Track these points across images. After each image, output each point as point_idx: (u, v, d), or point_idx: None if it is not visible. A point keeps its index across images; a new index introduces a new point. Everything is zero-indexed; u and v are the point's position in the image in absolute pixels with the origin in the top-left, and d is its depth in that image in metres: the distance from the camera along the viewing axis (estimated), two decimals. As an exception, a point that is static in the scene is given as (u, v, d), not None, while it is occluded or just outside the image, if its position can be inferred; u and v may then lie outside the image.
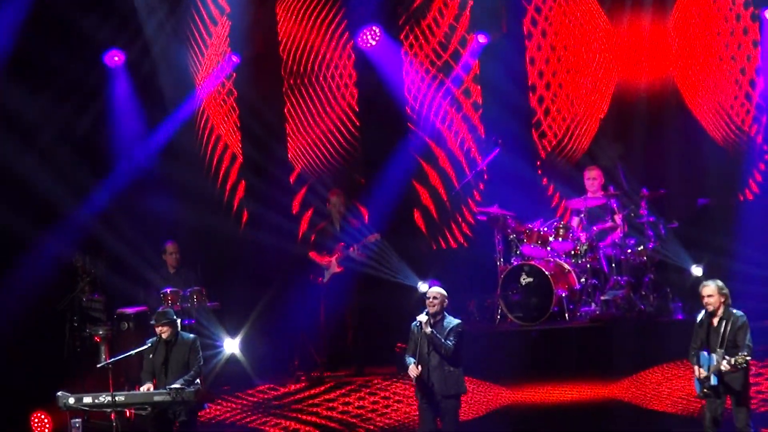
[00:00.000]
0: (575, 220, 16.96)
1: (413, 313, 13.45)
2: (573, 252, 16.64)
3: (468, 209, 18.58)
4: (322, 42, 18.68)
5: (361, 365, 16.66)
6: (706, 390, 12.72)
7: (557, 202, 18.24)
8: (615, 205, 16.61)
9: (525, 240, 16.66)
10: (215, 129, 18.86)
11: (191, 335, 13.96)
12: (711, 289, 12.77)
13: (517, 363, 15.39)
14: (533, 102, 18.45)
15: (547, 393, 15.24)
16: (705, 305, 12.80)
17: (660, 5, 17.87)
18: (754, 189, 17.66)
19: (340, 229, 17.13)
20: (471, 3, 18.41)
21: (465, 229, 18.66)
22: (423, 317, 13.16)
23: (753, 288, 15.22)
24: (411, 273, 17.26)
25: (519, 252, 16.76)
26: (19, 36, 17.23)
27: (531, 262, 16.43)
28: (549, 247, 16.62)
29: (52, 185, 17.27)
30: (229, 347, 16.58)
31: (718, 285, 12.82)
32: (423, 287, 16.58)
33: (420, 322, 13.16)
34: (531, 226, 16.72)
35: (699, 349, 12.80)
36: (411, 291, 17.05)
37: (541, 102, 18.45)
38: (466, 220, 18.63)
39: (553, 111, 18.43)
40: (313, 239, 17.34)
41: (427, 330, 13.09)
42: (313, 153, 18.83)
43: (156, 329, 13.72)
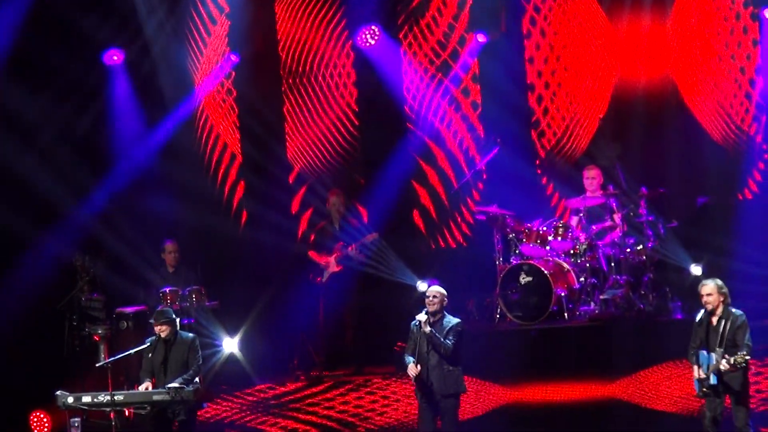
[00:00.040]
0: (574, 219, 16.96)
1: (412, 313, 13.45)
2: (572, 251, 16.64)
3: (467, 209, 18.57)
4: (321, 41, 18.67)
5: (360, 365, 16.65)
6: (705, 389, 12.71)
7: (556, 201, 18.24)
8: (614, 205, 16.61)
9: (524, 239, 16.66)
10: (215, 128, 18.84)
11: (190, 334, 13.94)
12: (710, 288, 12.77)
13: (517, 362, 15.39)
14: (532, 101, 18.44)
15: (547, 392, 15.24)
16: (704, 304, 12.80)
17: (659, 4, 17.86)
18: (753, 188, 17.65)
19: (339, 229, 17.12)
20: (470, 2, 18.39)
21: (464, 229, 18.65)
22: (422, 316, 13.15)
23: (752, 287, 15.22)
24: (410, 272, 17.25)
25: (518, 251, 16.76)
26: (19, 36, 17.20)
27: (530, 261, 16.43)
28: (548, 247, 16.61)
29: (51, 184, 17.25)
30: (228, 346, 16.57)
31: (717, 284, 12.81)
32: (422, 287, 16.57)
33: (419, 321, 13.15)
34: (530, 225, 16.71)
35: (698, 349, 12.79)
36: (410, 290, 17.04)
37: (540, 101, 18.45)
38: (465, 219, 18.62)
39: (552, 110, 18.43)
40: (313, 239, 17.34)
41: (426, 329, 13.08)
42: (312, 152, 18.82)
43: (155, 328, 13.71)
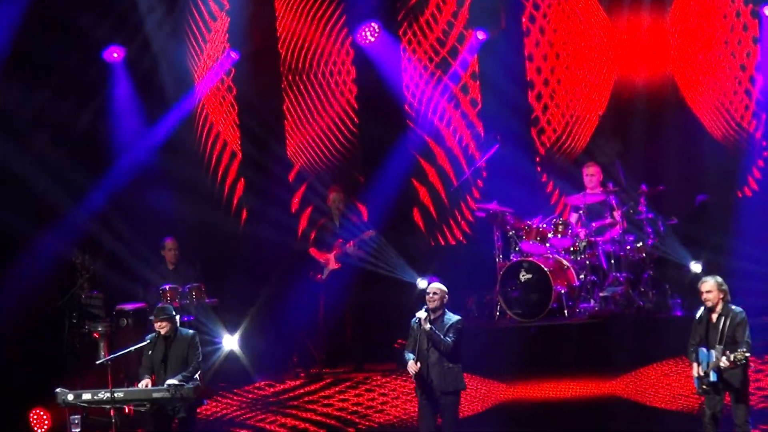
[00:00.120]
0: (574, 216, 16.96)
1: (412, 310, 13.43)
2: (572, 248, 16.64)
3: (467, 206, 18.57)
4: (321, 38, 18.65)
5: (360, 362, 16.64)
6: (705, 386, 12.71)
7: (556, 198, 18.24)
8: (614, 202, 16.61)
9: (524, 236, 16.66)
10: (215, 126, 18.82)
11: (190, 331, 13.92)
12: (710, 285, 12.77)
13: (516, 359, 15.39)
14: (531, 99, 18.43)
15: (546, 389, 15.24)
16: (704, 301, 12.80)
17: (659, 2, 17.86)
18: (753, 186, 17.65)
19: (339, 226, 17.11)
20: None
21: (464, 226, 18.64)
22: (422, 313, 13.14)
23: (752, 284, 15.21)
24: (410, 270, 17.25)
25: (518, 248, 16.76)
26: (19, 33, 17.19)
27: (530, 258, 16.43)
28: (548, 244, 16.61)
29: (50, 182, 17.24)
30: (228, 344, 16.56)
31: (717, 281, 12.81)
32: (422, 284, 16.57)
33: (419, 318, 13.15)
34: (530, 222, 16.71)
35: (698, 346, 12.79)
36: (410, 288, 17.03)
37: (540, 98, 18.44)
38: (465, 216, 18.62)
39: (552, 107, 18.42)
40: (314, 236, 17.33)
41: (426, 326, 13.07)
42: (312, 150, 18.80)
43: (155, 325, 13.69)
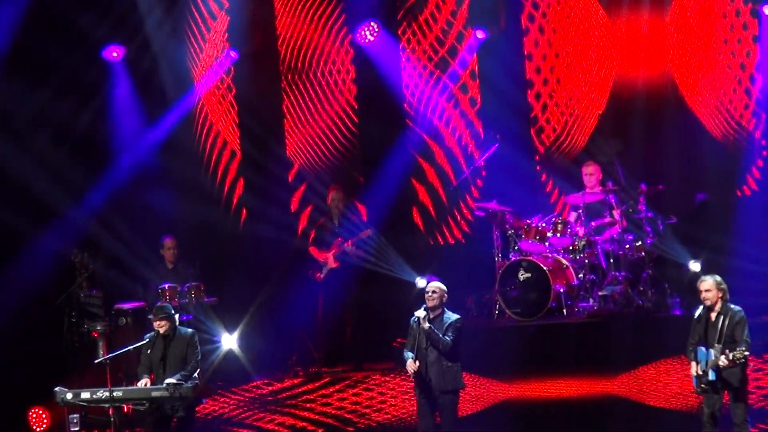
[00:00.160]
0: (573, 215, 16.95)
1: (411, 309, 13.44)
2: (571, 247, 16.63)
3: (466, 205, 18.57)
4: (320, 37, 18.64)
5: (359, 361, 16.64)
6: (704, 385, 12.71)
7: (556, 197, 18.23)
8: (613, 201, 16.60)
9: (523, 235, 16.66)
10: (214, 125, 18.82)
11: (189, 330, 13.91)
12: (709, 284, 12.77)
13: (515, 358, 15.39)
14: (531, 98, 18.43)
15: (545, 388, 15.24)
16: (702, 300, 12.79)
17: (658, 0, 17.85)
18: (752, 185, 17.64)
19: (338, 225, 17.11)
20: (468, -1, 18.45)
21: (463, 225, 18.64)
22: (421, 312, 13.14)
23: (751, 284, 15.23)
24: (409, 269, 17.25)
25: (517, 247, 16.75)
26: (19, 32, 17.19)
27: (529, 257, 16.42)
28: (547, 243, 16.61)
29: (50, 181, 17.24)
30: (227, 343, 16.57)
31: (716, 280, 12.81)
32: (421, 283, 16.57)
33: (418, 317, 13.15)
34: (529, 221, 16.71)
35: (697, 345, 12.80)
36: (409, 287, 17.03)
37: (539, 98, 18.44)
38: (464, 216, 18.62)
39: (551, 106, 18.42)
40: (313, 235, 17.32)
41: (425, 325, 13.07)
42: (312, 149, 18.80)
43: (154, 324, 13.69)
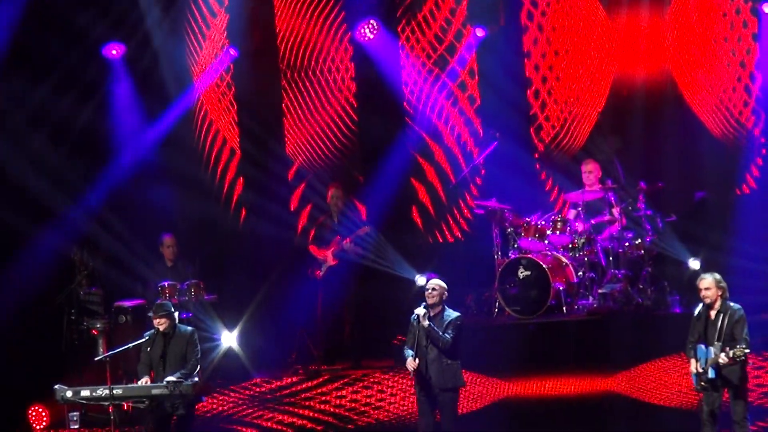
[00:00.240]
0: (572, 213, 16.96)
1: (411, 307, 13.44)
2: (570, 245, 16.64)
3: (465, 203, 18.57)
4: (320, 35, 18.64)
5: (359, 358, 16.64)
6: (703, 383, 12.72)
7: (555, 195, 18.24)
8: (613, 199, 16.60)
9: (523, 233, 16.66)
10: (214, 123, 18.82)
11: (189, 328, 13.91)
12: (708, 282, 12.78)
13: (515, 356, 15.39)
14: (530, 96, 18.43)
15: (545, 386, 15.25)
16: (702, 298, 12.80)
17: (658, -1, 17.90)
18: (751, 183, 17.66)
19: (338, 223, 17.11)
20: (468, -3, 18.44)
21: (462, 224, 18.64)
22: (421, 310, 13.15)
23: (750, 282, 15.23)
24: (408, 267, 17.25)
25: (516, 245, 16.76)
26: (18, 30, 17.18)
27: (528, 255, 16.43)
28: (546, 241, 16.62)
29: (50, 179, 17.24)
30: (227, 341, 16.57)
31: (715, 278, 12.82)
32: (421, 281, 16.58)
33: (418, 315, 13.15)
34: (528, 219, 16.72)
35: (696, 342, 12.81)
36: (408, 284, 17.03)
37: (538, 96, 18.44)
38: (463, 214, 18.62)
39: (550, 104, 18.43)
40: (313, 233, 17.33)
41: (425, 323, 13.07)
42: (311, 147, 18.79)
43: (154, 321, 13.69)
